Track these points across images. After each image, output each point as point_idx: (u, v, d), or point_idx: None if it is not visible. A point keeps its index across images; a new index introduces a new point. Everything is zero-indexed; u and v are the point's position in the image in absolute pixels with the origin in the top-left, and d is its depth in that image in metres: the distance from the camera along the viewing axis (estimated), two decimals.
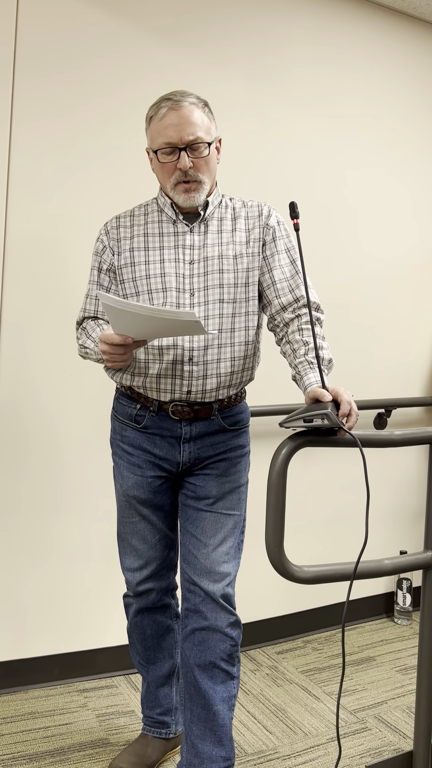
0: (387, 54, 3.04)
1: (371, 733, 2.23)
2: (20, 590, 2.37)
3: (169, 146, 1.68)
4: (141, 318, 1.48)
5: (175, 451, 1.79)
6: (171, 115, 1.67)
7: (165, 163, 1.70)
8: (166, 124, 1.67)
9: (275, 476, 1.45)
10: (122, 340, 1.57)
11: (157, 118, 1.69)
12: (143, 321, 1.49)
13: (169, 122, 1.67)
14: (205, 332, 1.54)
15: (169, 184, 1.72)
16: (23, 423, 2.35)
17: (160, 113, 1.69)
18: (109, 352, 1.61)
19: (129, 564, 1.90)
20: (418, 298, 3.21)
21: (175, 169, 1.69)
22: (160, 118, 1.68)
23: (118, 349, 1.60)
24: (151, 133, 1.72)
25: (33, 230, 2.33)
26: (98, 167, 2.42)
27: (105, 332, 1.62)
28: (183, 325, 1.50)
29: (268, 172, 2.75)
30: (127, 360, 1.64)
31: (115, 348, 1.60)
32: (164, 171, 1.72)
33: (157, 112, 1.69)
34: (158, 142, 1.69)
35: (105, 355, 1.63)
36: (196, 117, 1.68)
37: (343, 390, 1.50)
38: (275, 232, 1.78)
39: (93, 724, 2.22)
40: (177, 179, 1.70)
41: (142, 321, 1.49)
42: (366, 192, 3.02)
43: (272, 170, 2.76)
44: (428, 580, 1.71)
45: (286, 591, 2.87)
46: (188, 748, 1.79)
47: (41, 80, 2.31)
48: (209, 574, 1.76)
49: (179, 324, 1.49)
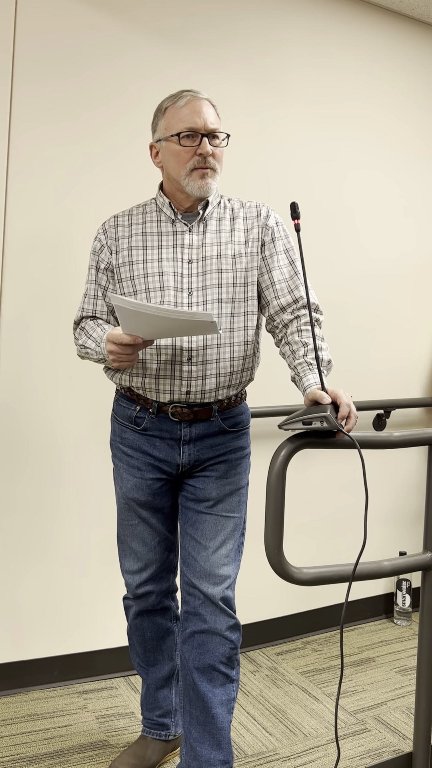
0: (385, 55, 3.04)
1: (371, 734, 2.23)
2: (20, 592, 2.37)
3: (192, 131, 1.70)
4: (155, 319, 1.48)
5: (175, 453, 1.79)
6: (194, 103, 1.71)
7: (186, 147, 1.70)
8: (189, 111, 1.70)
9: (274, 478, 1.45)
10: (132, 340, 1.58)
11: (177, 106, 1.72)
12: (156, 322, 1.49)
13: (194, 108, 1.70)
14: (218, 332, 1.54)
15: (184, 170, 1.71)
16: (21, 424, 2.35)
17: (180, 102, 1.72)
18: (117, 352, 1.61)
19: (129, 566, 1.90)
20: (418, 299, 3.21)
21: (194, 155, 1.70)
22: (182, 105, 1.71)
23: (126, 349, 1.60)
24: (168, 120, 1.73)
25: (32, 230, 2.33)
26: (97, 167, 2.41)
27: (112, 332, 1.62)
28: (197, 325, 1.49)
29: (267, 173, 2.75)
30: (134, 360, 1.65)
31: (124, 348, 1.60)
32: (180, 157, 1.71)
33: (177, 102, 1.72)
34: (179, 127, 1.70)
35: (112, 356, 1.63)
36: (213, 111, 1.74)
37: (343, 392, 1.50)
38: (274, 233, 1.78)
39: (93, 725, 2.22)
40: (195, 164, 1.70)
41: (155, 322, 1.49)
42: (365, 193, 3.02)
43: (271, 171, 2.76)
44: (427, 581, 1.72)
45: (286, 592, 2.87)
46: (187, 750, 1.79)
47: (40, 82, 2.31)
48: (209, 576, 1.76)
49: (193, 324, 1.49)
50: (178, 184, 1.74)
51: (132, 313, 1.48)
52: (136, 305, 1.46)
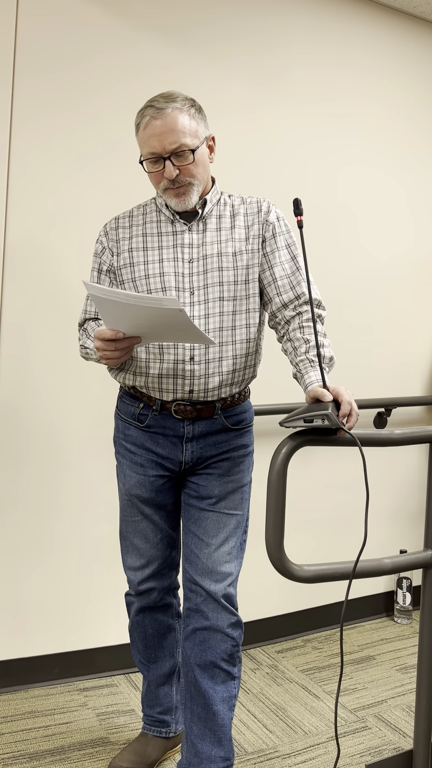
0: (387, 53, 3.04)
1: (371, 732, 2.23)
2: (21, 589, 2.37)
3: (153, 156, 1.67)
4: (126, 308, 1.45)
5: (178, 450, 1.79)
6: (153, 124, 1.65)
7: (152, 172, 1.70)
8: (148, 134, 1.66)
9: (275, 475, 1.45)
10: (113, 335, 1.56)
11: (141, 127, 1.68)
12: (130, 311, 1.46)
13: (152, 132, 1.65)
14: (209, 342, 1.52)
15: (159, 190, 1.73)
16: (24, 422, 2.35)
17: (143, 122, 1.67)
18: (102, 348, 1.59)
19: (131, 563, 1.90)
20: (419, 297, 3.21)
21: (162, 178, 1.69)
22: (144, 127, 1.67)
23: (109, 344, 1.58)
24: (138, 141, 1.72)
25: (33, 230, 2.33)
26: (99, 167, 2.41)
27: (98, 328, 1.62)
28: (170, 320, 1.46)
29: (268, 170, 2.75)
30: (121, 357, 1.62)
31: (107, 343, 1.58)
32: (153, 179, 1.72)
33: (141, 121, 1.68)
34: (144, 151, 1.69)
35: (99, 352, 1.62)
36: (180, 123, 1.65)
37: (344, 389, 1.50)
38: (275, 228, 1.78)
39: (93, 723, 2.22)
40: (165, 186, 1.70)
41: (129, 311, 1.46)
42: (366, 191, 3.02)
43: (272, 168, 2.76)
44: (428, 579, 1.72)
45: (286, 590, 2.87)
46: (188, 747, 1.79)
47: (41, 80, 2.31)
48: (211, 573, 1.76)
49: (165, 317, 1.45)
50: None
51: (105, 303, 1.46)
52: (106, 292, 1.43)
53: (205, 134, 1.73)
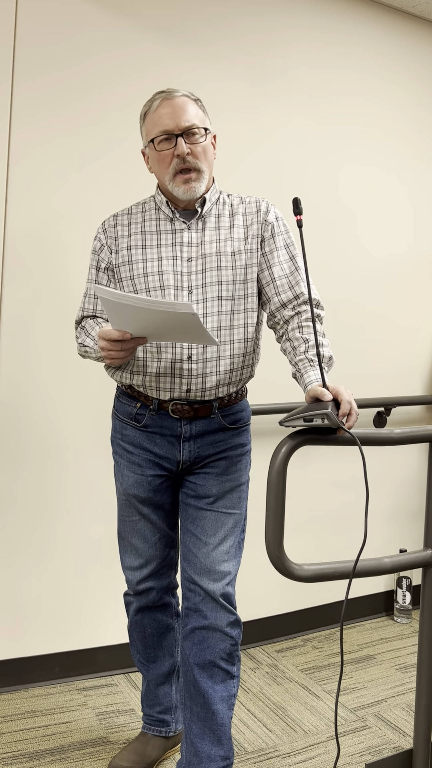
0: (387, 52, 3.04)
1: (371, 731, 2.23)
2: (20, 589, 2.37)
3: (166, 133, 1.68)
4: (138, 311, 1.46)
5: (175, 449, 1.79)
6: (165, 105, 1.69)
7: (162, 151, 1.69)
8: (161, 113, 1.68)
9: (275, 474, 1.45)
10: (120, 335, 1.56)
11: (152, 111, 1.71)
12: (140, 314, 1.47)
13: (164, 111, 1.68)
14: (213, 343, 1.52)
15: (167, 175, 1.71)
16: (22, 422, 2.35)
17: (153, 105, 1.71)
18: (108, 348, 1.60)
19: (129, 563, 1.90)
20: (418, 296, 3.21)
21: (173, 157, 1.69)
22: (155, 109, 1.70)
23: (115, 345, 1.59)
24: (147, 126, 1.73)
25: (32, 227, 2.33)
26: (98, 165, 2.41)
27: (104, 328, 1.61)
28: (181, 323, 1.48)
29: (268, 170, 2.75)
30: (126, 357, 1.63)
31: (113, 344, 1.59)
32: (161, 161, 1.71)
33: (151, 106, 1.71)
34: (154, 131, 1.70)
35: (103, 352, 1.62)
36: (190, 107, 1.70)
37: (344, 389, 1.50)
38: (274, 228, 1.78)
39: (93, 722, 2.22)
40: (175, 168, 1.69)
41: (139, 314, 1.47)
42: (365, 190, 3.01)
43: (271, 168, 2.76)
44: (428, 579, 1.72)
45: (286, 589, 2.87)
46: (188, 746, 1.79)
47: (41, 79, 2.30)
48: (209, 573, 1.76)
49: (176, 320, 1.47)
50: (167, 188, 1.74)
51: (116, 305, 1.47)
52: (118, 296, 1.45)
53: (210, 128, 1.75)
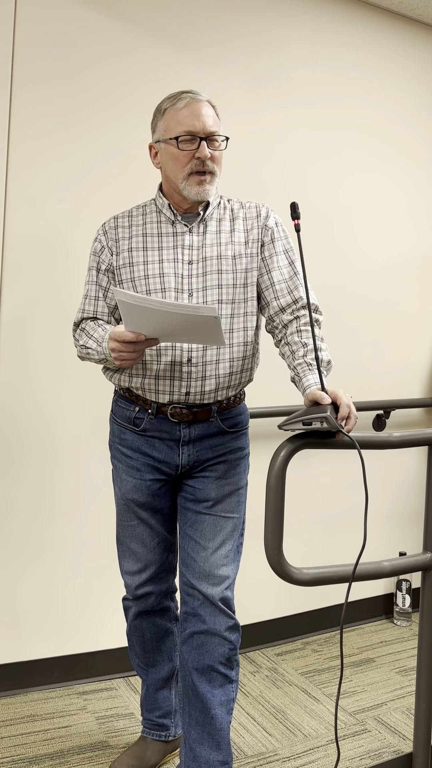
0: (384, 55, 3.04)
1: (371, 735, 2.22)
2: (19, 593, 2.37)
3: (190, 134, 1.69)
4: (158, 314, 1.46)
5: (174, 453, 1.79)
6: (193, 105, 1.70)
7: (184, 151, 1.69)
8: (187, 113, 1.69)
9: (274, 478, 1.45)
10: (135, 337, 1.56)
11: (177, 108, 1.71)
12: (159, 317, 1.47)
13: (191, 112, 1.69)
14: (222, 343, 1.53)
15: (182, 174, 1.71)
16: (20, 424, 2.35)
17: (179, 104, 1.71)
18: (119, 349, 1.60)
19: (128, 567, 1.90)
20: (418, 299, 3.21)
21: (192, 158, 1.69)
22: (181, 107, 1.70)
23: (128, 347, 1.59)
24: (167, 122, 1.72)
25: (31, 230, 2.33)
26: (96, 167, 2.41)
27: (115, 329, 1.61)
28: (200, 323, 1.48)
29: (266, 173, 2.75)
30: (137, 359, 1.63)
31: (126, 345, 1.59)
32: (179, 160, 1.71)
33: (176, 103, 1.71)
34: (177, 130, 1.69)
35: (114, 353, 1.62)
36: (212, 113, 1.73)
37: (342, 392, 1.50)
38: (273, 233, 1.78)
39: (92, 726, 2.21)
40: (192, 168, 1.69)
41: (158, 317, 1.47)
42: (364, 193, 3.02)
43: (269, 171, 2.76)
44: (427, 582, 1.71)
45: (286, 593, 2.87)
46: (186, 751, 1.78)
47: (40, 83, 2.30)
48: (208, 577, 1.76)
49: (196, 321, 1.48)
50: (176, 186, 1.74)
51: (135, 308, 1.47)
52: (139, 299, 1.45)
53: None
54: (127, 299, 1.46)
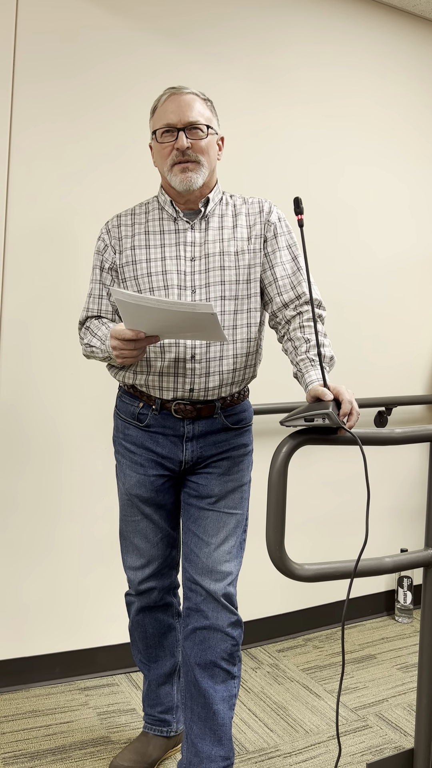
0: (387, 52, 3.03)
1: (372, 731, 2.23)
2: (21, 589, 2.37)
3: (168, 126, 1.71)
4: (156, 312, 1.47)
5: (178, 449, 1.79)
6: (172, 100, 1.72)
7: (163, 143, 1.71)
8: (166, 108, 1.72)
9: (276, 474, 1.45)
10: (134, 335, 1.57)
11: (160, 104, 1.74)
12: (157, 315, 1.48)
13: (170, 105, 1.71)
14: (223, 339, 1.53)
15: (166, 166, 1.73)
16: (23, 421, 2.35)
17: (162, 99, 1.74)
18: (120, 347, 1.61)
19: (131, 563, 1.90)
20: (420, 296, 3.21)
21: (173, 149, 1.70)
22: (162, 103, 1.73)
23: (128, 344, 1.60)
24: (154, 120, 1.76)
25: (33, 228, 2.33)
26: (98, 165, 2.41)
27: (116, 327, 1.61)
28: (198, 320, 1.48)
29: (269, 170, 2.75)
30: (137, 357, 1.64)
31: (126, 343, 1.59)
32: (161, 154, 1.73)
33: (160, 100, 1.75)
34: (159, 124, 1.73)
35: (115, 351, 1.62)
36: (197, 105, 1.72)
37: (345, 388, 1.50)
38: (276, 229, 1.78)
39: (94, 722, 2.22)
40: (174, 159, 1.71)
41: (157, 315, 1.48)
42: (366, 190, 3.01)
43: (273, 169, 2.76)
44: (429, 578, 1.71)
45: (287, 589, 2.87)
46: (188, 747, 1.79)
47: (41, 81, 2.30)
48: (211, 573, 1.76)
49: (194, 318, 1.48)
50: (166, 180, 1.75)
51: (133, 307, 1.48)
52: (137, 298, 1.46)
53: (217, 129, 1.77)
54: (124, 298, 1.47)
